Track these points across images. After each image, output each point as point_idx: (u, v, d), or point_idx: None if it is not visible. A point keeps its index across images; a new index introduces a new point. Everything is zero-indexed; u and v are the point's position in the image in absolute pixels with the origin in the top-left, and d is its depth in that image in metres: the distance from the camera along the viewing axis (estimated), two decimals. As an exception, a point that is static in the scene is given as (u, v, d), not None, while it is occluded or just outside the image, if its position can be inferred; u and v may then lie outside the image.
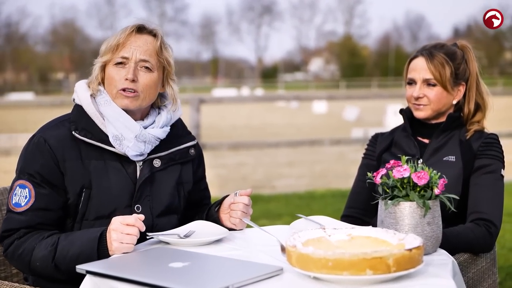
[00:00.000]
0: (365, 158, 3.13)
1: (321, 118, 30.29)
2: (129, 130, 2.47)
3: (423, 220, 2.12)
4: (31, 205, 2.39)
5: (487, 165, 2.82)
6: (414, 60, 2.95)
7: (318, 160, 14.54)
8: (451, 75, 2.89)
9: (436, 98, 2.88)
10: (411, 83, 2.93)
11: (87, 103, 2.50)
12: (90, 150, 2.47)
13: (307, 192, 9.80)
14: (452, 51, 2.94)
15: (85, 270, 1.97)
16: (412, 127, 2.99)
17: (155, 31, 2.56)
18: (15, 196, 2.42)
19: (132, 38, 2.51)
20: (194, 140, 2.69)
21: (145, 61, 2.50)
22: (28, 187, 2.41)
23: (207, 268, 1.98)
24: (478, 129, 2.93)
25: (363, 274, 1.77)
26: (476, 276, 2.80)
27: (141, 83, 2.49)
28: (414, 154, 2.92)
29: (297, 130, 22.70)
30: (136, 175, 2.51)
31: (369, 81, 74.51)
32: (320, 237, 2.05)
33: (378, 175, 2.21)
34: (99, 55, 2.55)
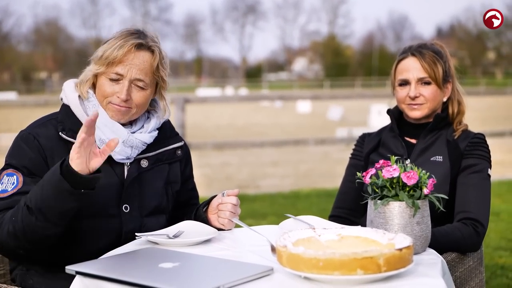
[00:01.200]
0: (353, 159, 3.13)
1: (305, 117, 30.33)
2: (116, 135, 2.46)
3: (412, 220, 2.13)
4: (18, 189, 2.36)
5: (474, 164, 2.83)
6: (404, 61, 2.95)
7: (302, 160, 14.55)
8: (443, 72, 2.91)
9: (432, 96, 2.90)
10: (403, 84, 2.93)
11: (75, 104, 2.50)
12: None
13: (292, 191, 9.81)
14: (437, 49, 2.96)
15: (75, 271, 1.96)
16: (399, 128, 3.00)
17: (153, 48, 2.51)
18: (1, 184, 2.39)
19: (130, 55, 2.46)
20: (181, 141, 2.71)
21: (140, 80, 2.48)
22: (17, 175, 2.39)
23: (197, 269, 1.97)
24: (465, 129, 2.95)
25: (354, 274, 1.77)
26: (463, 275, 2.82)
27: (134, 100, 2.49)
28: (401, 154, 2.93)
29: (282, 130, 22.71)
30: (124, 175, 2.51)
31: (353, 80, 74.78)
32: (310, 237, 2.04)
33: (367, 175, 2.21)
34: (93, 60, 2.51)
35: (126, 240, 2.46)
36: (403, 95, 2.92)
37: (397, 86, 2.96)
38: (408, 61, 2.93)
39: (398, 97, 2.95)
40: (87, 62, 2.56)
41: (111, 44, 2.47)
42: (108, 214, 2.45)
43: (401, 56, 2.98)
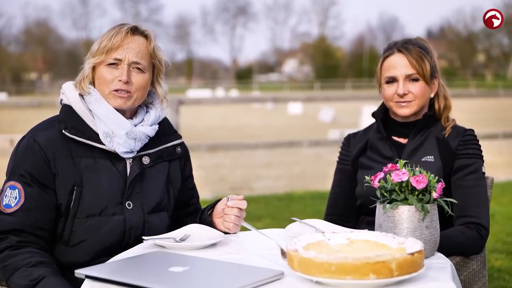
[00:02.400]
0: (340, 163, 3.08)
1: (297, 119, 30.33)
2: (120, 127, 2.49)
3: (421, 223, 2.13)
4: (21, 205, 2.39)
5: (468, 165, 2.80)
6: (390, 58, 2.88)
7: (295, 162, 14.55)
8: (430, 68, 2.85)
9: (421, 93, 2.84)
10: (391, 81, 2.86)
11: (76, 101, 2.52)
12: (80, 148, 2.48)
13: (286, 193, 9.81)
14: (423, 45, 2.90)
15: (84, 274, 1.95)
16: (386, 127, 2.95)
17: (147, 32, 2.58)
18: (5, 197, 2.42)
19: (125, 39, 2.52)
20: (180, 138, 2.73)
21: (137, 63, 2.53)
22: (18, 188, 2.41)
23: (207, 273, 1.97)
24: (454, 124, 2.90)
25: (367, 279, 1.77)
26: (467, 278, 2.82)
27: (134, 84, 2.53)
28: (391, 156, 2.87)
29: (274, 131, 22.70)
30: (126, 172, 2.53)
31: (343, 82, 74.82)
32: (319, 241, 2.04)
33: (376, 179, 2.21)
34: (90, 54, 2.56)
35: (130, 237, 2.47)
36: (391, 93, 2.85)
37: (384, 83, 2.89)
38: (395, 58, 2.86)
39: (386, 95, 2.88)
40: (82, 63, 2.58)
41: (105, 36, 2.54)
42: (111, 212, 2.47)
43: (386, 53, 2.90)
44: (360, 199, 2.93)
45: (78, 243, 2.44)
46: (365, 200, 2.85)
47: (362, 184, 2.87)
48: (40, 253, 2.37)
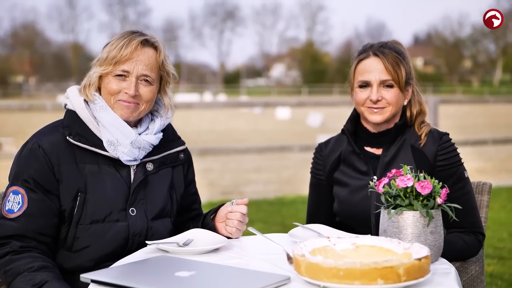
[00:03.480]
0: (314, 177, 2.97)
1: (285, 124, 30.34)
2: (124, 136, 2.48)
3: (426, 229, 2.13)
4: (24, 211, 2.37)
5: (451, 175, 2.72)
6: (365, 61, 2.76)
7: (284, 166, 14.55)
8: (405, 75, 2.74)
9: (395, 100, 2.73)
10: (364, 86, 2.75)
11: (80, 108, 2.50)
12: (84, 155, 2.47)
13: (277, 198, 9.82)
14: (399, 49, 2.80)
15: (90, 279, 1.94)
16: (358, 137, 2.85)
17: (157, 44, 2.55)
18: (8, 202, 2.40)
19: (135, 52, 2.50)
20: (183, 144, 2.72)
21: (146, 75, 2.52)
22: (21, 193, 2.39)
23: (214, 277, 1.96)
24: (428, 130, 2.79)
25: (375, 284, 1.77)
26: (466, 284, 2.84)
27: (141, 96, 2.52)
28: (366, 171, 2.78)
29: (262, 136, 22.71)
30: (130, 179, 2.52)
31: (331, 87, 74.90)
32: (325, 246, 2.04)
33: (380, 184, 2.22)
34: (97, 61, 2.53)
35: (133, 243, 2.46)
36: (363, 98, 2.74)
37: (357, 87, 2.78)
38: (370, 61, 2.74)
39: (358, 99, 2.76)
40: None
41: (114, 45, 2.50)
42: (115, 218, 2.45)
43: (361, 56, 2.78)
44: (338, 216, 2.87)
45: (82, 249, 2.43)
46: (344, 218, 2.83)
47: (339, 201, 2.84)
48: (42, 258, 2.35)
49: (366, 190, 2.68)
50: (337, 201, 2.85)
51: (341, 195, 2.84)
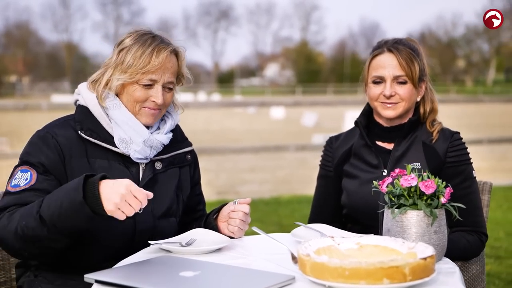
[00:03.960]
0: (323, 169, 3.00)
1: (280, 123, 30.36)
2: (138, 134, 2.49)
3: (430, 228, 2.13)
4: (31, 185, 2.35)
5: (460, 172, 2.75)
6: (380, 57, 2.78)
7: (279, 166, 14.56)
8: (419, 71, 2.76)
9: (408, 96, 2.75)
10: (378, 81, 2.77)
11: (93, 104, 2.51)
12: (95, 150, 2.48)
13: (273, 198, 9.81)
14: (413, 46, 2.82)
15: (94, 279, 1.94)
16: (370, 132, 2.88)
17: (178, 49, 2.57)
18: (14, 179, 2.38)
19: (164, 61, 2.50)
20: (190, 146, 2.73)
21: (170, 82, 2.54)
22: (31, 171, 2.37)
23: (219, 278, 1.96)
24: (440, 128, 2.82)
25: (380, 283, 1.77)
26: (467, 283, 2.84)
27: (165, 102, 2.54)
28: (376, 165, 2.81)
29: (257, 136, 22.71)
30: (139, 177, 2.53)
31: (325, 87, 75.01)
32: (329, 246, 2.04)
33: (384, 184, 2.21)
34: (119, 67, 2.50)
35: (139, 241, 2.45)
36: (377, 93, 2.77)
37: (371, 83, 2.80)
38: (384, 57, 2.77)
39: (371, 95, 2.79)
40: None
41: (140, 52, 2.48)
42: None
43: (376, 52, 2.81)
44: (346, 208, 2.88)
45: (87, 244, 2.41)
46: (351, 210, 2.84)
47: (347, 193, 2.86)
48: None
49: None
50: (346, 193, 2.87)
51: (350, 188, 2.85)
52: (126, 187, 2.11)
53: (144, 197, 2.13)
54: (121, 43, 2.54)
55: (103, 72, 2.54)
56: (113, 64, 2.52)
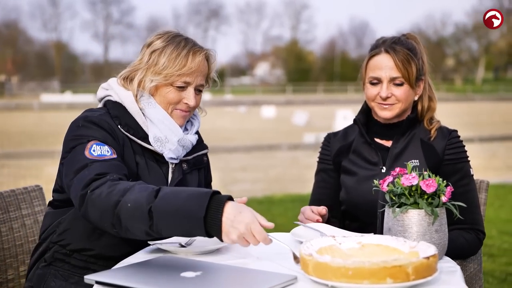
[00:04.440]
0: (321, 163, 3.00)
1: (271, 122, 30.36)
2: (173, 133, 2.51)
3: (431, 227, 2.13)
4: (116, 157, 2.32)
5: (458, 170, 2.76)
6: (377, 57, 2.78)
7: (271, 165, 14.56)
8: (416, 71, 2.77)
9: (405, 97, 2.75)
10: (375, 82, 2.77)
11: (130, 101, 2.51)
12: (134, 145, 2.48)
13: (265, 197, 9.81)
14: (412, 45, 2.81)
15: (95, 280, 1.92)
16: (368, 129, 2.89)
17: (210, 53, 2.60)
18: (94, 151, 2.30)
19: (199, 64, 2.53)
20: (207, 148, 2.76)
21: (201, 85, 2.57)
22: (107, 145, 2.34)
23: (221, 278, 1.95)
24: (438, 126, 2.83)
25: (383, 283, 1.76)
26: (465, 282, 2.83)
27: (196, 104, 2.57)
28: (376, 162, 2.82)
29: (249, 135, 22.70)
30: (168, 176, 2.54)
31: (315, 86, 75.08)
32: (331, 246, 2.04)
33: (384, 183, 2.21)
34: (151, 68, 2.50)
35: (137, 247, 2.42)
36: (374, 93, 2.78)
37: (368, 83, 2.81)
38: (381, 58, 2.76)
39: (368, 95, 2.80)
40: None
41: (174, 54, 2.49)
42: None
43: (373, 52, 2.80)
44: (344, 205, 2.88)
45: (119, 240, 2.39)
46: (350, 207, 2.84)
47: (346, 190, 2.86)
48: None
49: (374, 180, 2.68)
50: (344, 189, 2.87)
51: (349, 184, 2.86)
52: (246, 225, 1.99)
53: (263, 239, 2.00)
54: (151, 44, 2.54)
55: (133, 72, 2.54)
56: (145, 66, 2.52)
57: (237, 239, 1.99)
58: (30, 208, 2.87)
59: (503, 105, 39.16)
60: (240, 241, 2.00)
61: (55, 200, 2.53)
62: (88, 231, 2.41)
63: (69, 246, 2.45)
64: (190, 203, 2.01)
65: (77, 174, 2.24)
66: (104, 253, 2.43)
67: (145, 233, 2.10)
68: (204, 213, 1.99)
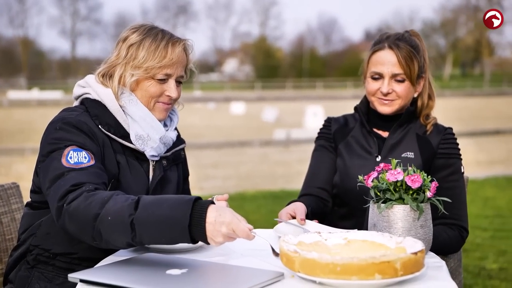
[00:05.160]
0: (321, 139, 3.00)
1: (240, 119, 30.33)
2: (155, 131, 2.47)
3: (416, 223, 2.12)
4: (93, 164, 2.25)
5: (449, 165, 2.79)
6: (380, 53, 2.80)
7: (242, 162, 14.53)
8: (418, 69, 2.79)
9: (405, 94, 2.79)
10: (377, 77, 2.80)
11: (110, 99, 2.45)
12: (114, 144, 2.43)
13: (238, 193, 9.79)
14: (415, 43, 2.83)
15: (79, 279, 1.89)
16: (368, 119, 2.93)
17: (188, 43, 2.57)
18: (70, 158, 2.23)
19: (179, 55, 2.50)
20: (184, 142, 2.73)
21: (181, 76, 2.54)
22: (85, 151, 2.27)
23: (206, 275, 1.93)
24: (435, 122, 2.88)
25: (372, 279, 1.76)
26: (446, 277, 2.84)
27: (178, 96, 2.54)
28: (372, 151, 2.85)
29: (218, 131, 22.65)
30: (149, 174, 2.51)
31: (284, 82, 75.14)
32: (317, 242, 2.02)
33: (369, 178, 2.20)
34: (131, 63, 2.46)
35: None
36: (375, 88, 2.80)
37: (369, 77, 2.82)
38: (384, 54, 2.78)
39: (369, 89, 2.82)
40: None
41: (154, 46, 2.46)
42: None
43: (377, 47, 2.82)
44: (336, 188, 2.90)
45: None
46: (342, 191, 2.86)
47: (340, 173, 2.88)
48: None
49: (367, 168, 2.72)
50: (339, 173, 2.89)
51: (343, 168, 2.88)
52: (227, 225, 1.97)
53: (246, 236, 1.98)
54: (127, 39, 2.49)
55: (111, 68, 2.49)
56: (123, 61, 2.47)
57: (222, 240, 1.99)
58: (7, 206, 2.82)
59: (471, 101, 39.59)
60: (225, 240, 1.99)
61: (34, 201, 2.47)
62: (69, 236, 2.34)
63: (52, 250, 2.39)
64: (173, 212, 1.99)
65: (54, 184, 2.19)
66: (88, 255, 2.37)
67: (127, 244, 2.07)
68: (189, 221, 1.97)
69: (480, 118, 27.40)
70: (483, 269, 5.57)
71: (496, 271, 5.52)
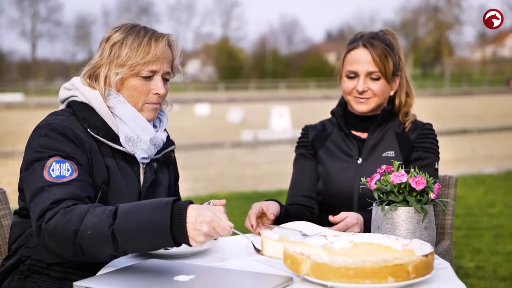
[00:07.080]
0: (300, 148, 3.01)
1: (205, 120, 30.24)
2: (145, 132, 2.42)
3: (420, 225, 2.13)
4: (76, 177, 2.19)
5: (423, 158, 2.81)
6: (354, 51, 2.83)
7: (211, 163, 14.49)
8: (393, 67, 2.82)
9: (381, 91, 2.81)
10: (352, 76, 2.82)
11: (97, 101, 2.40)
12: (103, 147, 2.38)
13: (209, 195, 9.73)
14: (389, 41, 2.86)
15: (85, 287, 1.84)
16: (345, 122, 2.92)
17: (172, 38, 2.51)
18: (53, 171, 2.18)
19: (163, 50, 2.45)
20: (174, 144, 2.68)
21: (168, 73, 2.48)
22: (68, 162, 2.21)
23: (215, 281, 1.89)
24: (414, 119, 2.90)
25: (385, 282, 1.74)
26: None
27: (165, 94, 2.48)
28: (353, 154, 2.86)
29: (183, 133, 22.49)
30: (140, 177, 2.46)
31: (247, 83, 75.15)
32: (324, 245, 2.01)
33: (372, 181, 2.20)
34: (114, 61, 2.41)
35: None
36: (350, 87, 2.82)
37: (345, 76, 2.85)
38: (359, 52, 2.81)
39: (345, 88, 2.85)
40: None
41: (137, 43, 2.41)
42: None
43: (351, 46, 2.85)
44: (321, 195, 2.90)
45: None
46: (327, 196, 2.86)
47: (323, 180, 2.87)
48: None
49: (350, 171, 2.76)
50: (321, 179, 2.89)
51: (325, 174, 2.88)
52: (208, 224, 1.95)
53: (227, 233, 1.97)
54: (110, 38, 2.45)
55: (96, 69, 2.44)
56: (107, 61, 2.42)
57: (204, 239, 1.96)
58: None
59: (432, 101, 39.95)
60: (207, 240, 1.97)
61: (22, 208, 2.41)
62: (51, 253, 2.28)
63: (45, 260, 2.34)
64: (152, 217, 1.96)
65: (34, 198, 2.15)
66: (83, 264, 2.31)
67: (111, 255, 2.04)
68: (169, 224, 1.95)
69: (443, 118, 27.69)
70: (460, 268, 5.61)
71: (473, 270, 5.56)
